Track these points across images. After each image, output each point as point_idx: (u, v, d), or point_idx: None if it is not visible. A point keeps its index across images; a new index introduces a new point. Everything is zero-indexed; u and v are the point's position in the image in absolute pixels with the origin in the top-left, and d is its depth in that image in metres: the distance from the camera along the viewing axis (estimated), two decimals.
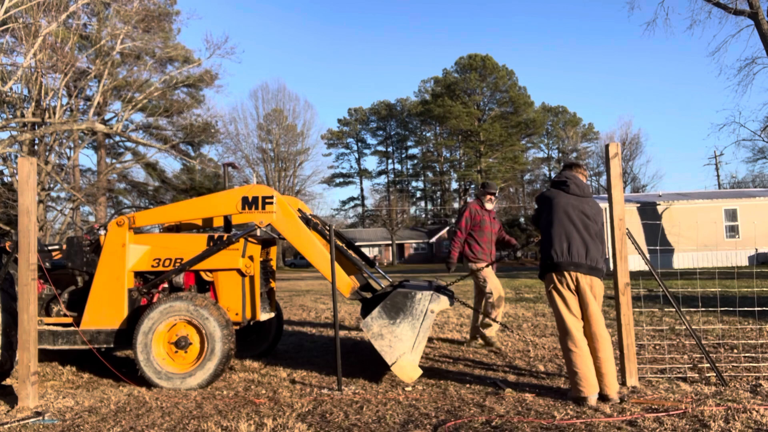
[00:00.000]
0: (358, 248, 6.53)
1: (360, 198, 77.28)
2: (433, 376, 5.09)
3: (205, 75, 31.11)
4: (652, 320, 7.91)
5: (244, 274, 5.35)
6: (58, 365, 6.09)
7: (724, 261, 21.44)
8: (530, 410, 3.94)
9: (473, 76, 62.61)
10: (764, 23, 21.49)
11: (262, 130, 54.26)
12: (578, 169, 4.56)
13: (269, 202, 5.23)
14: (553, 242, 4.21)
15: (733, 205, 23.16)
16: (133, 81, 26.37)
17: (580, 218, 4.25)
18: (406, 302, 4.82)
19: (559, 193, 4.38)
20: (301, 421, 3.85)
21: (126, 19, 22.41)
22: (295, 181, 55.58)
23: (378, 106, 75.90)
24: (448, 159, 71.68)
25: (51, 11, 18.80)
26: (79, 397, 4.72)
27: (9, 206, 20.81)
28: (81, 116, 25.22)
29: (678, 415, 3.71)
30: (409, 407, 4.14)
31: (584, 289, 4.14)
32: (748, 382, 4.50)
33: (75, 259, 5.45)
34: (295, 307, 11.95)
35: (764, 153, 39.41)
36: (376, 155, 78.36)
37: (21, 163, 4.61)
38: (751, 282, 13.03)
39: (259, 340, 6.36)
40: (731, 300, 8.99)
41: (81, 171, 32.03)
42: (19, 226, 4.45)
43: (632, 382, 4.45)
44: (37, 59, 19.22)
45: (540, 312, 9.51)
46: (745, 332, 6.57)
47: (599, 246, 4.27)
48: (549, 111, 70.45)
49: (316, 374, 5.37)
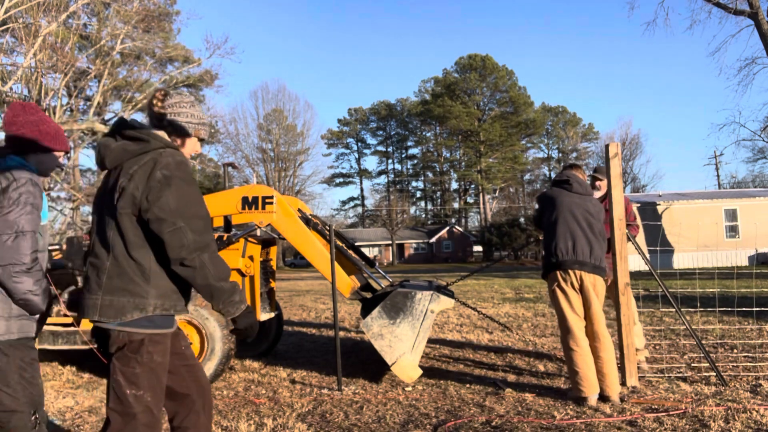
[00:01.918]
0: (358, 248, 6.53)
1: (360, 198, 77.37)
2: (433, 376, 5.09)
3: (205, 75, 31.15)
4: (651, 320, 7.91)
5: (244, 274, 5.35)
6: (58, 365, 6.09)
7: (724, 261, 21.44)
8: (530, 410, 3.94)
9: (473, 76, 62.64)
10: (764, 23, 21.50)
11: (262, 130, 54.34)
12: (577, 169, 4.57)
13: (269, 202, 5.23)
14: (558, 241, 4.21)
15: (733, 205, 23.17)
16: (133, 81, 26.39)
17: (584, 216, 4.24)
18: (406, 302, 4.82)
19: (561, 192, 4.37)
20: (301, 421, 3.85)
21: (126, 19, 22.42)
22: (295, 181, 55.63)
23: (378, 106, 75.92)
24: (448, 159, 71.72)
25: (51, 11, 18.81)
26: (79, 397, 4.72)
27: None
28: (81, 116, 25.23)
29: (678, 415, 3.71)
30: (409, 407, 4.14)
31: (588, 288, 4.14)
32: (748, 382, 4.50)
33: (75, 259, 5.44)
34: (295, 307, 11.95)
35: (764, 153, 39.44)
36: (376, 155, 78.42)
37: None
38: (751, 282, 13.03)
39: (259, 340, 6.36)
40: (731, 300, 8.99)
41: (81, 171, 32.05)
42: None
43: (632, 382, 4.45)
44: (37, 59, 19.23)
45: (540, 312, 9.51)
46: (744, 332, 6.57)
47: (603, 244, 4.28)
48: (549, 111, 70.46)
49: (316, 374, 5.37)
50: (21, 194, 2.27)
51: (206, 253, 2.07)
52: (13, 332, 2.33)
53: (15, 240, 2.26)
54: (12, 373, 2.32)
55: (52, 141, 2.49)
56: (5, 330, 2.31)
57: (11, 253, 2.26)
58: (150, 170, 2.08)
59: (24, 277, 2.29)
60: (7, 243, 2.25)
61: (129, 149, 2.14)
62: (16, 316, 2.34)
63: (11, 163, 2.35)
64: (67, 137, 2.67)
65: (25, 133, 2.43)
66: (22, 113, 2.46)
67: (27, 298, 2.32)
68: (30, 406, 2.37)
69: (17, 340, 2.35)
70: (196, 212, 2.11)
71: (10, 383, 2.32)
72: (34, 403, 2.39)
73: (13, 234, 2.26)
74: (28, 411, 2.36)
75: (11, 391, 2.32)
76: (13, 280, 2.27)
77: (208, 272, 2.07)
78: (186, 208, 2.08)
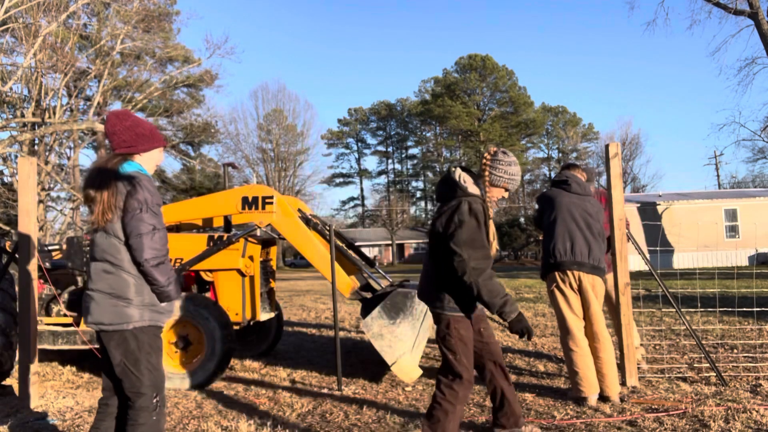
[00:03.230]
0: (358, 248, 6.53)
1: (360, 198, 77.29)
2: (433, 376, 5.07)
3: (205, 75, 31.12)
4: (651, 320, 7.91)
5: (244, 274, 5.35)
6: (58, 365, 6.09)
7: (724, 261, 21.42)
8: (530, 410, 3.94)
9: (473, 76, 62.62)
10: (764, 23, 21.49)
11: (262, 130, 54.27)
12: (576, 169, 4.57)
13: (269, 202, 5.23)
14: (557, 241, 4.20)
15: (733, 205, 23.18)
16: (133, 81, 26.38)
17: (583, 217, 4.24)
18: (406, 302, 4.82)
19: (561, 192, 4.37)
20: (301, 421, 3.85)
21: (126, 19, 22.41)
22: (295, 181, 55.58)
23: (378, 106, 75.86)
24: (448, 159, 71.62)
25: (51, 11, 18.80)
26: (79, 397, 4.72)
27: (9, 206, 20.79)
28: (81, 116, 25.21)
29: (678, 415, 3.71)
30: (409, 407, 4.14)
31: (586, 289, 4.14)
32: (748, 382, 4.50)
33: (75, 259, 5.44)
34: (295, 307, 11.95)
35: (764, 153, 39.41)
36: (376, 155, 78.34)
37: (21, 163, 4.61)
38: (751, 282, 13.03)
39: (259, 340, 6.36)
40: (731, 300, 8.99)
41: (81, 171, 32.02)
42: (19, 226, 4.46)
43: (632, 382, 4.45)
44: (37, 59, 19.22)
45: (540, 312, 9.51)
46: (744, 332, 6.57)
47: (602, 245, 4.27)
48: (549, 111, 70.40)
49: (316, 374, 5.37)
50: (146, 197, 2.55)
51: (480, 277, 2.80)
52: (146, 320, 2.57)
53: (152, 237, 2.53)
54: (141, 357, 2.56)
55: (149, 141, 2.73)
56: (139, 317, 2.55)
57: (152, 248, 2.53)
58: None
59: (163, 268, 2.57)
60: (145, 240, 2.51)
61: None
62: (148, 305, 2.58)
63: (130, 169, 2.62)
64: (160, 132, 2.89)
65: (125, 139, 2.67)
66: (117, 122, 2.69)
67: (165, 288, 2.59)
68: (153, 389, 2.60)
69: (148, 327, 2.59)
70: (480, 244, 2.87)
71: (139, 366, 2.56)
72: (156, 387, 2.62)
73: (150, 232, 2.53)
74: (151, 393, 2.59)
75: (139, 373, 2.56)
76: (155, 271, 2.54)
77: (482, 291, 2.81)
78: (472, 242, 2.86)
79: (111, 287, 2.53)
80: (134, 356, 2.55)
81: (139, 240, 2.50)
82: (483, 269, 2.82)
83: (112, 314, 2.52)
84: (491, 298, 2.83)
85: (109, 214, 2.52)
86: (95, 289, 2.56)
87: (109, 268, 2.54)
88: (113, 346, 2.55)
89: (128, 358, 2.55)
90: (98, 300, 2.54)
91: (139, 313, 2.55)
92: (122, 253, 2.54)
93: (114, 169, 2.60)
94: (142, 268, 2.53)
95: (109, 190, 2.54)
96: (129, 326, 2.53)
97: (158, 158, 2.83)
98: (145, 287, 2.58)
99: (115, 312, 2.52)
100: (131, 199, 2.52)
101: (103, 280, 2.54)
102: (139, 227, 2.51)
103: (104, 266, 2.55)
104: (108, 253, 2.55)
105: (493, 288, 2.84)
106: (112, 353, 2.56)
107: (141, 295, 2.56)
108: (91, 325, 2.57)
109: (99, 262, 2.57)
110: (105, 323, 2.53)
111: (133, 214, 2.52)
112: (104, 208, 2.53)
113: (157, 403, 2.61)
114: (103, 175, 2.59)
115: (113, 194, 2.53)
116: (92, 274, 2.58)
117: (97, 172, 2.62)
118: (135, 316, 2.54)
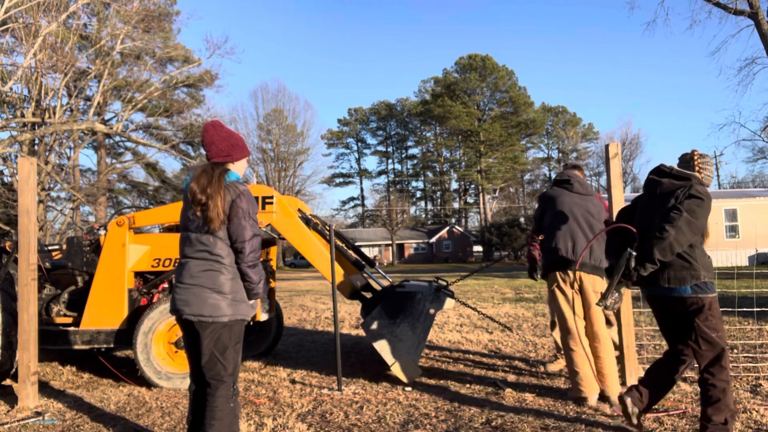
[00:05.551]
0: (358, 248, 6.53)
1: (360, 198, 77.33)
2: (433, 376, 5.09)
3: (205, 75, 31.12)
4: (651, 320, 7.91)
5: None
6: (58, 365, 6.09)
7: (724, 261, 21.42)
8: (530, 410, 3.94)
9: (473, 76, 62.60)
10: (764, 23, 21.48)
11: (262, 130, 54.29)
12: (578, 169, 4.57)
13: (269, 202, 5.23)
14: (558, 241, 4.20)
15: (733, 205, 23.18)
16: (133, 81, 26.36)
17: (585, 217, 4.23)
18: (406, 302, 4.82)
19: (562, 192, 4.36)
20: (301, 421, 3.85)
21: (126, 19, 22.40)
22: (295, 181, 55.60)
23: (378, 106, 75.88)
24: (448, 159, 71.68)
25: (51, 11, 18.80)
26: (79, 397, 4.72)
27: (9, 206, 20.79)
28: (81, 116, 25.22)
29: (678, 415, 3.71)
30: (409, 407, 4.14)
31: (587, 289, 4.13)
32: (748, 382, 4.50)
33: (75, 259, 5.44)
34: (295, 307, 11.95)
35: (764, 153, 39.36)
36: (376, 155, 78.34)
37: (21, 163, 4.61)
38: (751, 282, 13.03)
39: (259, 340, 6.36)
40: (731, 300, 8.99)
41: (81, 171, 32.04)
42: (19, 226, 4.46)
43: (632, 382, 4.44)
44: (37, 59, 19.22)
45: (540, 312, 9.51)
46: (744, 332, 6.57)
47: (602, 245, 4.26)
48: (549, 111, 70.41)
49: (316, 374, 5.37)
50: (250, 206, 2.83)
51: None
52: (237, 314, 2.82)
53: (252, 242, 2.81)
54: (230, 347, 2.82)
55: (241, 151, 2.99)
56: (233, 311, 2.80)
57: (252, 252, 2.81)
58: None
59: (257, 269, 2.86)
60: (248, 245, 2.79)
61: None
62: (240, 300, 2.83)
63: (233, 178, 2.87)
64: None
65: (222, 148, 2.92)
66: (215, 132, 2.94)
67: (256, 286, 2.86)
68: (232, 378, 2.85)
69: (238, 321, 2.84)
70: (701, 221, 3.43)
71: (226, 355, 2.81)
72: (234, 377, 2.87)
73: (251, 238, 2.81)
74: (230, 382, 2.83)
75: (225, 362, 2.81)
76: (251, 272, 2.83)
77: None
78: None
79: (213, 283, 2.78)
80: (224, 346, 2.79)
81: (244, 245, 2.79)
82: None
83: (211, 307, 2.76)
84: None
85: (218, 221, 2.77)
86: (195, 284, 2.79)
87: (212, 266, 2.80)
88: (206, 335, 2.78)
89: (218, 347, 2.79)
90: (198, 293, 2.78)
91: (233, 307, 2.80)
92: (225, 254, 2.81)
93: (222, 178, 2.83)
94: (241, 267, 2.81)
95: (220, 197, 2.78)
96: (225, 319, 2.78)
97: (245, 166, 3.08)
98: (238, 284, 2.83)
99: (214, 305, 2.76)
100: (237, 208, 2.79)
101: (205, 276, 2.79)
102: (243, 234, 2.78)
103: (208, 264, 2.80)
104: (212, 252, 2.80)
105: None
106: (204, 342, 2.78)
107: (235, 292, 2.81)
108: (189, 317, 2.78)
109: (200, 261, 2.81)
110: (205, 315, 2.76)
111: (239, 221, 2.79)
112: (216, 213, 2.76)
113: (234, 391, 2.85)
114: (213, 182, 2.80)
115: (223, 201, 2.78)
116: (192, 270, 2.81)
117: (207, 180, 2.81)
118: (230, 310, 2.79)
